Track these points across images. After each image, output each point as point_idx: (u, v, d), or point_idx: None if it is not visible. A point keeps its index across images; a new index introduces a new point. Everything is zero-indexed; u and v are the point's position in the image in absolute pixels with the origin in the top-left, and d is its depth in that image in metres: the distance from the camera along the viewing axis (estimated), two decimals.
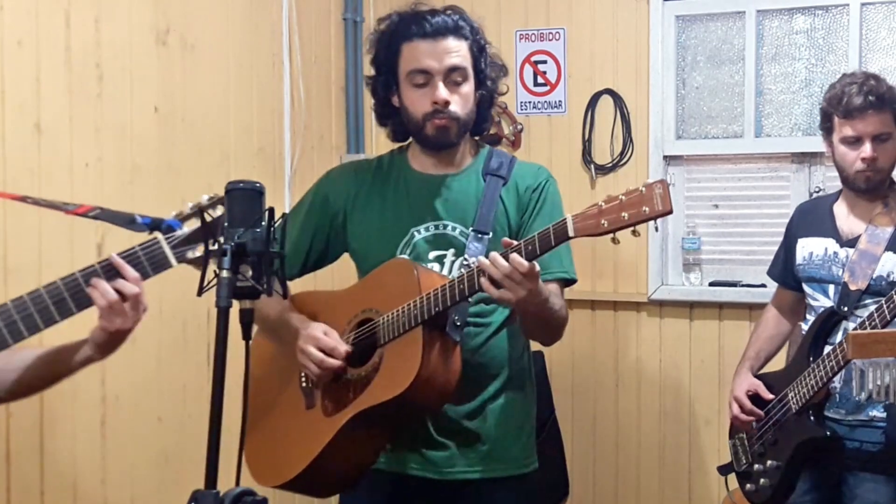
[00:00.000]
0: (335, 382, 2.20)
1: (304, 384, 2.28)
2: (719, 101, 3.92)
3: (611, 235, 1.90)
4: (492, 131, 4.11)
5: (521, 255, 1.97)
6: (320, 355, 2.16)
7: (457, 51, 2.21)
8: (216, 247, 1.62)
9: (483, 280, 2.00)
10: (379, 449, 2.24)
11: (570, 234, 1.93)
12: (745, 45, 3.83)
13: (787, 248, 2.91)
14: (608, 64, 3.98)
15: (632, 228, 1.88)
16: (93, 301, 1.79)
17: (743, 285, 3.82)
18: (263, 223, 1.61)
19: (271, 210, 1.62)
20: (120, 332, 1.84)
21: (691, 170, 3.97)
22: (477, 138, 2.39)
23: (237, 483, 1.63)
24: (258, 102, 3.57)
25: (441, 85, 2.19)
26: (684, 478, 3.95)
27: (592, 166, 3.99)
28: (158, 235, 1.80)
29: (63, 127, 2.73)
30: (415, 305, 2.08)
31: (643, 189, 1.86)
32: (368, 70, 2.36)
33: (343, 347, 2.17)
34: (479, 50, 2.26)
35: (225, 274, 1.56)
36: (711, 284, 3.89)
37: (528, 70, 4.08)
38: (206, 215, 1.65)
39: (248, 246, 1.59)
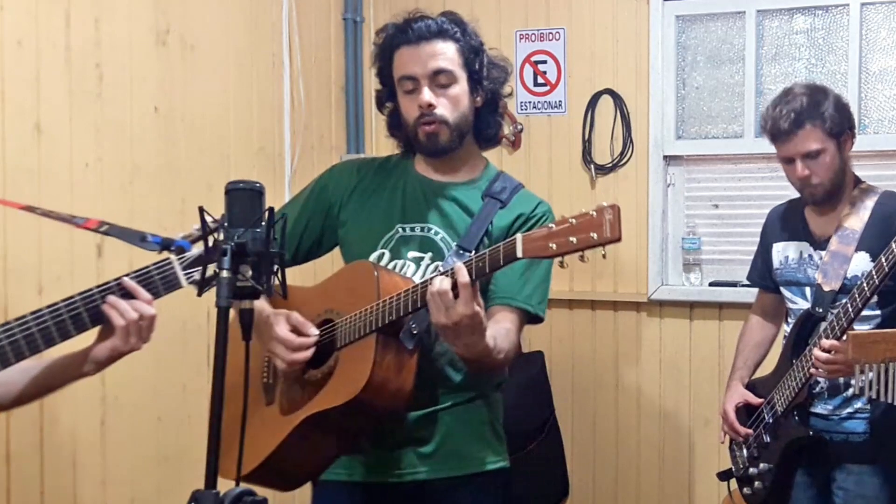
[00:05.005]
0: (294, 381, 2.18)
1: (265, 379, 2.26)
2: (719, 101, 3.92)
3: (559, 259, 1.85)
4: None
5: (471, 272, 1.91)
6: (292, 341, 2.11)
7: (442, 53, 2.18)
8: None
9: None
10: (336, 451, 2.19)
11: (518, 254, 1.88)
12: (745, 45, 3.83)
13: (764, 251, 2.93)
14: (608, 64, 3.98)
15: (580, 254, 1.82)
16: (108, 319, 1.79)
17: (743, 285, 3.78)
18: (263, 223, 1.61)
19: (271, 210, 1.62)
20: (129, 351, 1.85)
21: (691, 170, 3.97)
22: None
23: (237, 483, 1.63)
24: (258, 102, 3.57)
25: (426, 89, 2.17)
26: (684, 477, 3.95)
27: (592, 166, 3.99)
28: (172, 257, 1.80)
29: (63, 127, 2.73)
30: (371, 311, 2.05)
31: (594, 213, 1.80)
32: (368, 70, 2.36)
33: (310, 340, 2.12)
34: (472, 51, 2.22)
35: (225, 274, 1.56)
36: (711, 284, 3.89)
37: (528, 70, 4.08)
38: (206, 215, 1.65)
39: (248, 246, 1.59)
